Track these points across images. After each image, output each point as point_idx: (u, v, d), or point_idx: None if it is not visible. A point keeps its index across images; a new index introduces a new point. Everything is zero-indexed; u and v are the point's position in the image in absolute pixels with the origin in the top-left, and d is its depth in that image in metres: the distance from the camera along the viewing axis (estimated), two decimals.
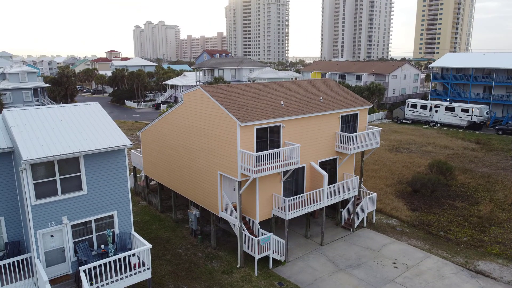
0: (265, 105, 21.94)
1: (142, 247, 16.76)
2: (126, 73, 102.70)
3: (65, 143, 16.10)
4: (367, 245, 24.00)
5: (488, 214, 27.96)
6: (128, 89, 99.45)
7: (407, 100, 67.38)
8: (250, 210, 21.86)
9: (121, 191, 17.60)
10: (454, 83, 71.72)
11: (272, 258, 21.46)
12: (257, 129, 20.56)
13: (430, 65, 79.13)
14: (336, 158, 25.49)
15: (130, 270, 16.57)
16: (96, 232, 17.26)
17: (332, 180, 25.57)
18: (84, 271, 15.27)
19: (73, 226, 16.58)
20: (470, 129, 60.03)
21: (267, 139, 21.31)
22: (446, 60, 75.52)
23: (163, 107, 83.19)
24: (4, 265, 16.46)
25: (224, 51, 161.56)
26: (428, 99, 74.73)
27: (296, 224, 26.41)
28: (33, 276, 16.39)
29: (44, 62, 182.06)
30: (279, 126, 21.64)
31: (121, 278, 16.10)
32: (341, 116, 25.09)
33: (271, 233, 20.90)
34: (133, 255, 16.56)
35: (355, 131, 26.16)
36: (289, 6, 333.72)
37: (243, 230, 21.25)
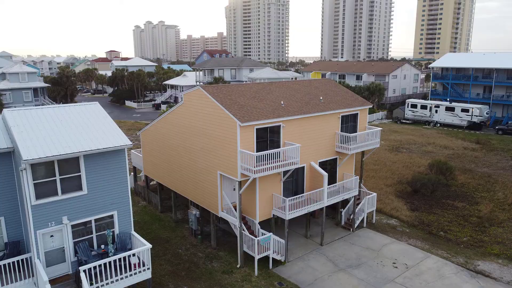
0: (265, 105, 21.94)
1: (142, 247, 16.77)
2: (126, 73, 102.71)
3: (65, 143, 16.10)
4: (367, 245, 24.00)
5: (488, 214, 27.96)
6: (128, 89, 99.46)
7: (407, 100, 67.38)
8: (250, 210, 21.86)
9: (121, 191, 17.61)
10: (454, 83, 71.72)
11: (272, 258, 21.46)
12: (257, 129, 20.56)
13: (430, 65, 79.13)
14: (336, 158, 25.49)
15: (130, 270, 16.57)
16: (96, 232, 17.27)
17: (332, 180, 25.56)
18: (84, 271, 15.27)
19: (73, 226, 16.59)
20: (470, 129, 60.03)
21: (267, 139, 21.31)
22: (446, 60, 75.52)
23: (163, 107, 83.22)
24: (4, 265, 16.45)
25: (224, 51, 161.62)
26: (428, 99, 74.70)
27: (296, 224, 26.41)
28: (33, 276, 16.39)
29: (44, 62, 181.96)
30: (279, 126, 21.63)
31: (121, 278, 16.10)
32: (341, 116, 25.09)
33: (271, 233, 20.90)
34: (133, 255, 16.56)
35: (355, 131, 26.16)
36: (289, 6, 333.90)
37: (243, 230, 21.25)
